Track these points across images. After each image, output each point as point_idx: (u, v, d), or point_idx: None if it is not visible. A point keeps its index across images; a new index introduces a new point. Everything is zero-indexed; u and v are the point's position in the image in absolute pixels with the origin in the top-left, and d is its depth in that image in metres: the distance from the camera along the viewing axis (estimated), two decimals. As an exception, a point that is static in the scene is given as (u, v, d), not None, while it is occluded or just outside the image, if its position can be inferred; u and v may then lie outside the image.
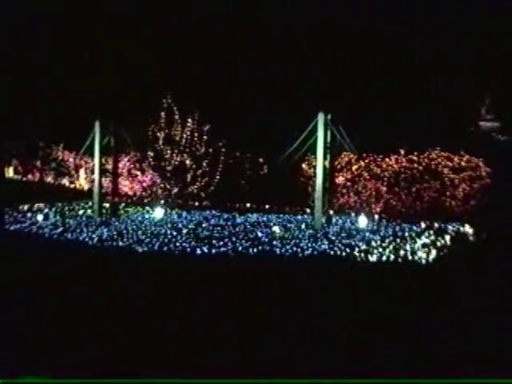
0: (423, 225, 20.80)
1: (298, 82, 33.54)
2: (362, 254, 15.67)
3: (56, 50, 37.86)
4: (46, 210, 22.21)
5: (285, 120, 27.54)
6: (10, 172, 30.72)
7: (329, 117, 20.78)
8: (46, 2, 38.25)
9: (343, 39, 34.32)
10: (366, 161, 25.20)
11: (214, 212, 23.85)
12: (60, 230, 18.31)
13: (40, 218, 20.30)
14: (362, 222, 20.50)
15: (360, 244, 16.93)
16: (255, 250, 16.01)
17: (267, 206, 24.91)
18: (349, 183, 25.38)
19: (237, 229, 19.64)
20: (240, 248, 16.20)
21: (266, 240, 17.36)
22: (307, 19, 36.31)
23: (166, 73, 33.07)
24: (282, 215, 23.44)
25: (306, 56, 34.84)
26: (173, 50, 35.96)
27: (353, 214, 22.84)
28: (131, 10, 37.85)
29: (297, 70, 34.43)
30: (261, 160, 27.82)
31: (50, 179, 30.28)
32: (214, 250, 15.79)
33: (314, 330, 9.34)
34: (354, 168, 25.44)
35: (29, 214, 21.30)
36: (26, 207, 22.70)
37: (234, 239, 17.33)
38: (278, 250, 16.03)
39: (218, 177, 26.87)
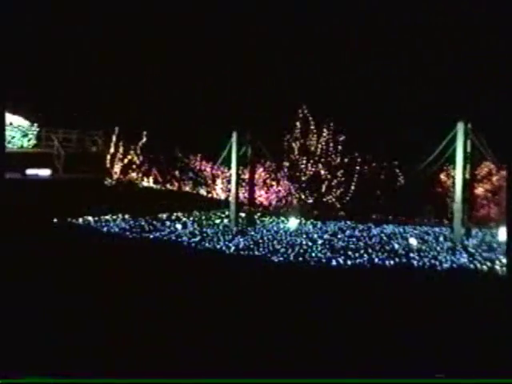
0: None
1: (436, 89, 32.93)
2: (504, 269, 15.20)
3: (194, 61, 38.91)
4: (185, 219, 22.85)
5: (422, 129, 27.11)
6: (150, 181, 31.82)
7: (469, 125, 20.27)
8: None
9: (485, 44, 33.43)
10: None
11: (349, 223, 23.74)
12: (198, 238, 18.81)
13: (179, 226, 20.91)
14: (504, 234, 19.83)
15: (501, 258, 16.42)
16: (392, 261, 15.87)
17: (403, 217, 24.57)
18: (489, 194, 24.65)
19: (372, 240, 19.51)
20: (376, 260, 16.10)
21: (403, 252, 17.18)
22: (442, 21, 35.59)
23: (303, 82, 33.35)
24: (418, 227, 23.04)
25: (446, 62, 34.17)
26: (311, 60, 36.21)
27: (493, 227, 22.13)
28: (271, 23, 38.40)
29: (435, 77, 33.82)
30: (397, 170, 27.50)
31: (187, 188, 31.11)
32: (349, 262, 15.75)
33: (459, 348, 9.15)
34: (494, 179, 24.71)
35: (168, 223, 21.93)
36: (164, 216, 23.36)
37: (369, 251, 17.25)
38: (415, 263, 15.82)
39: (353, 187, 26.78)
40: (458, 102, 29.09)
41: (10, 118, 38.64)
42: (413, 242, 18.59)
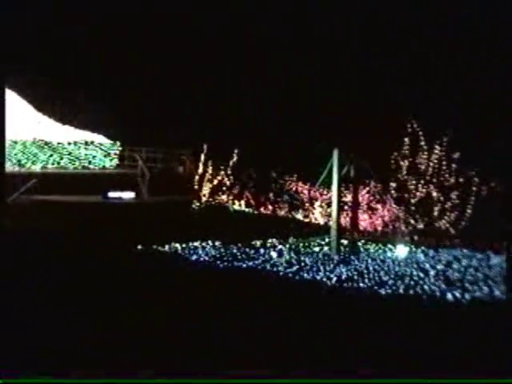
0: None
1: None
2: None
3: (293, 74, 39.19)
4: (280, 247, 22.94)
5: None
6: (242, 204, 32.09)
7: None
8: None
9: None
10: None
11: (465, 251, 23.36)
12: (296, 268, 18.88)
13: (274, 254, 21.02)
14: None
15: None
16: (516, 295, 15.57)
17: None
18: None
19: (493, 270, 19.15)
20: (497, 293, 15.81)
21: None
22: None
23: (412, 94, 33.17)
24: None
25: None
26: (421, 70, 35.94)
27: None
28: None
29: None
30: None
31: (283, 212, 31.19)
32: (467, 295, 15.52)
33: None
34: None
35: (262, 251, 22.06)
36: (258, 243, 23.51)
37: (490, 283, 16.95)
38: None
39: (469, 211, 26.32)
40: None
41: (90, 136, 39.79)
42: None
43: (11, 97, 40.19)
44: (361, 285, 16.79)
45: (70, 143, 38.03)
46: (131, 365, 9.66)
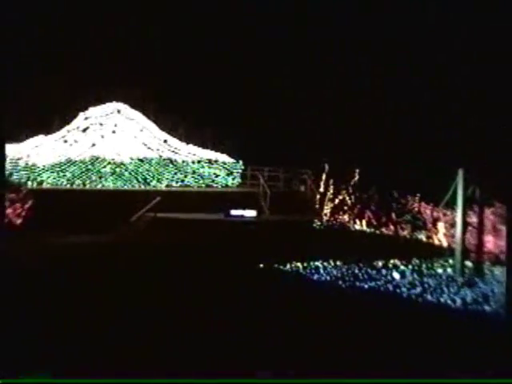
0: None
1: None
2: None
3: (414, 93, 38.91)
4: (403, 267, 22.77)
5: None
6: (363, 224, 31.96)
7: None
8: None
9: None
10: None
11: None
12: (419, 289, 18.72)
13: (396, 275, 20.88)
14: None
15: None
16: None
17: None
18: None
19: None
20: None
21: None
22: None
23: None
24: None
25: None
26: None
27: None
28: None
29: None
30: None
31: (405, 233, 30.81)
32: None
33: None
34: None
35: (384, 271, 21.95)
36: (380, 263, 23.39)
37: None
38: None
39: None
40: None
41: (213, 155, 40.64)
42: None
43: (137, 116, 41.57)
44: (485, 307, 16.53)
45: (194, 162, 38.93)
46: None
